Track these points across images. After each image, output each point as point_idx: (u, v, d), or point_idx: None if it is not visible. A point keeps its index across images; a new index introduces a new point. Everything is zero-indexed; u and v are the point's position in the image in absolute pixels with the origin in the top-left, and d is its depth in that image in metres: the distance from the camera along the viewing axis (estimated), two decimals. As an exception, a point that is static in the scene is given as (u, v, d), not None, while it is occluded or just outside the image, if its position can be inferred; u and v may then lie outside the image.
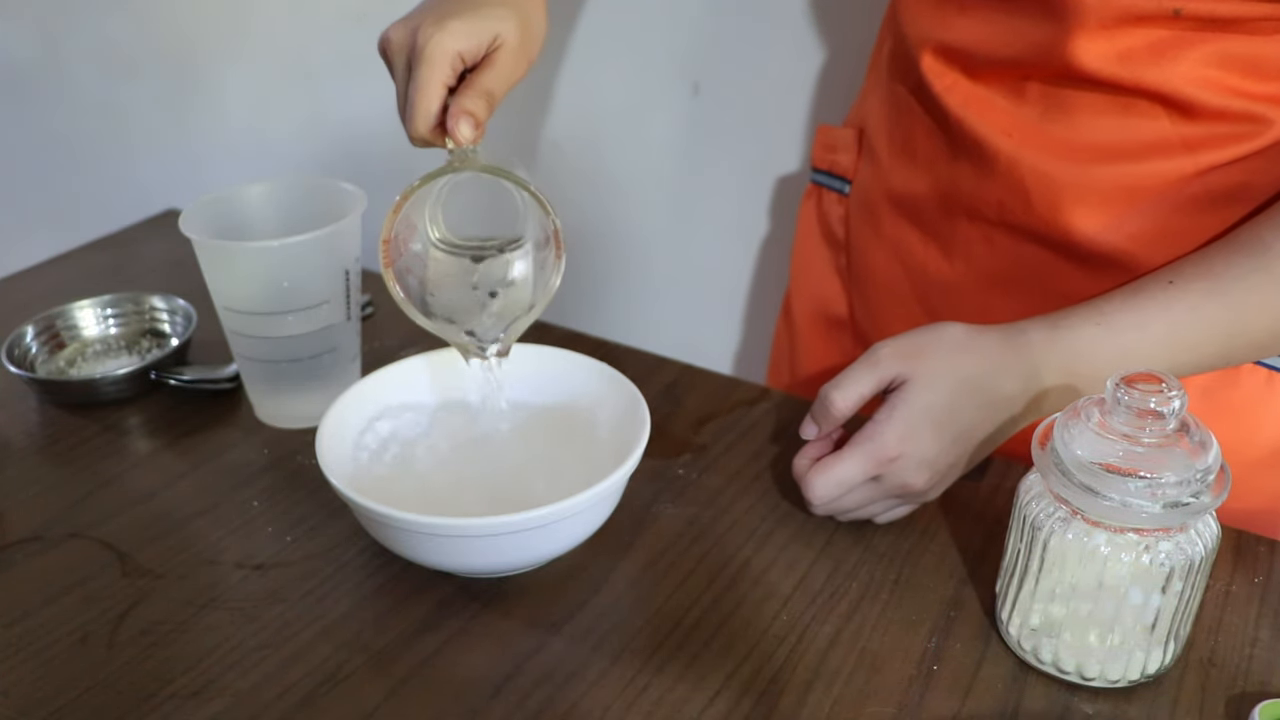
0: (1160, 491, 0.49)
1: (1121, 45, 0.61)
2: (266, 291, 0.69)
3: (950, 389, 0.59)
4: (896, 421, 0.59)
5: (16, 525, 0.66)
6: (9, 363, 0.77)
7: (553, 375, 0.69)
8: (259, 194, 0.75)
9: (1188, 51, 0.60)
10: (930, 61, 0.71)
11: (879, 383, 0.60)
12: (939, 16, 0.71)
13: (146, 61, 1.43)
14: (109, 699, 0.54)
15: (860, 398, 0.60)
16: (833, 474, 0.60)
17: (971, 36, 0.68)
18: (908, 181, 0.76)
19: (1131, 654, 0.53)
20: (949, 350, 0.60)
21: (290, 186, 0.76)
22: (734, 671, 0.56)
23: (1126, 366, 0.57)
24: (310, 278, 0.70)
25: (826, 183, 0.88)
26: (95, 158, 1.55)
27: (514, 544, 0.56)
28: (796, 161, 1.12)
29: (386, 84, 0.64)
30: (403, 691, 0.55)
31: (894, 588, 0.61)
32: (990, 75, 0.68)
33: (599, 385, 0.67)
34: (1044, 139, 0.66)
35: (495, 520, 0.54)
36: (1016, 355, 0.60)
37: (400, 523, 0.55)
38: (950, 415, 0.59)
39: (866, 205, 0.81)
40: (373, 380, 0.67)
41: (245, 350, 0.72)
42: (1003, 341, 0.60)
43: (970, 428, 0.59)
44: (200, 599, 0.60)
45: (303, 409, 0.74)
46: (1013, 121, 0.67)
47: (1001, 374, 0.59)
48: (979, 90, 0.69)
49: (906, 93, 0.75)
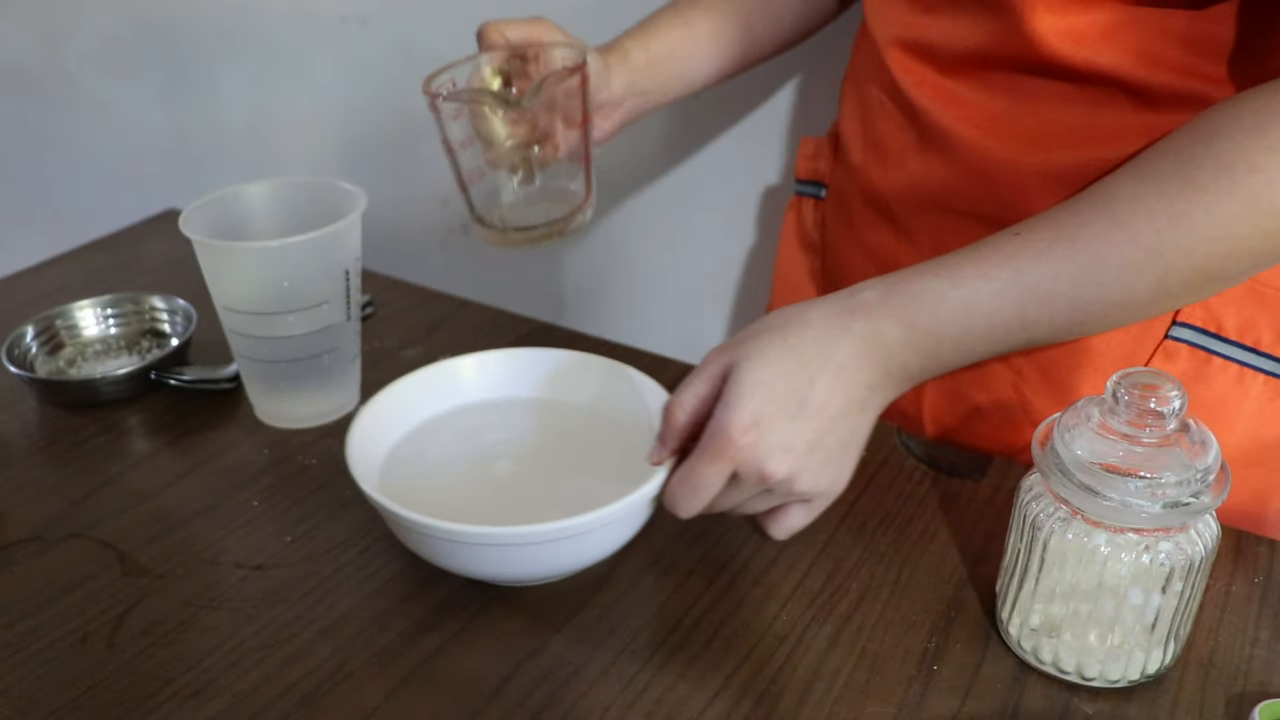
0: (1160, 491, 0.49)
1: (1073, 24, 0.61)
2: (266, 291, 0.69)
3: (781, 362, 0.55)
4: (731, 407, 0.54)
5: (16, 525, 0.66)
6: (9, 363, 0.77)
7: (585, 379, 0.69)
8: (259, 194, 0.75)
9: (1134, 29, 0.61)
10: (899, 58, 0.72)
11: (710, 380, 0.56)
12: (905, 15, 0.72)
13: (146, 61, 1.43)
14: (109, 699, 0.54)
15: (697, 399, 0.56)
16: (687, 480, 0.55)
17: (937, 32, 0.69)
18: (880, 178, 0.77)
19: (1131, 654, 0.53)
20: (775, 328, 0.56)
21: (290, 186, 0.76)
22: (734, 671, 0.56)
23: (972, 318, 0.56)
24: (310, 278, 0.70)
25: (809, 191, 0.89)
26: (95, 158, 1.55)
27: (546, 553, 0.56)
28: (780, 170, 1.13)
29: (386, 84, 0.64)
30: (403, 691, 0.55)
31: (894, 588, 0.61)
32: (958, 69, 0.69)
33: (628, 389, 0.66)
34: (1011, 129, 0.67)
35: (528, 529, 0.54)
36: (852, 316, 0.56)
37: (434, 530, 0.54)
38: (789, 389, 0.54)
39: (841, 207, 0.82)
40: (403, 384, 0.67)
41: (245, 350, 0.72)
42: (836, 306, 0.57)
43: (820, 401, 0.55)
44: (200, 599, 0.60)
45: (303, 409, 0.74)
46: (981, 113, 0.68)
47: (837, 337, 0.56)
48: (947, 84, 0.70)
49: (879, 92, 0.76)
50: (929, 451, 0.72)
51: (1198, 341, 0.67)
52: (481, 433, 0.68)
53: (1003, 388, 0.73)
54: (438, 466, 0.65)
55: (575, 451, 0.67)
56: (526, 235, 0.71)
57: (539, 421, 0.69)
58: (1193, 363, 0.67)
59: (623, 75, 0.77)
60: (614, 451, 0.65)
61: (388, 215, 1.23)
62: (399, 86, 1.27)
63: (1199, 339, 0.67)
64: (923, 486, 0.68)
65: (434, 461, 0.65)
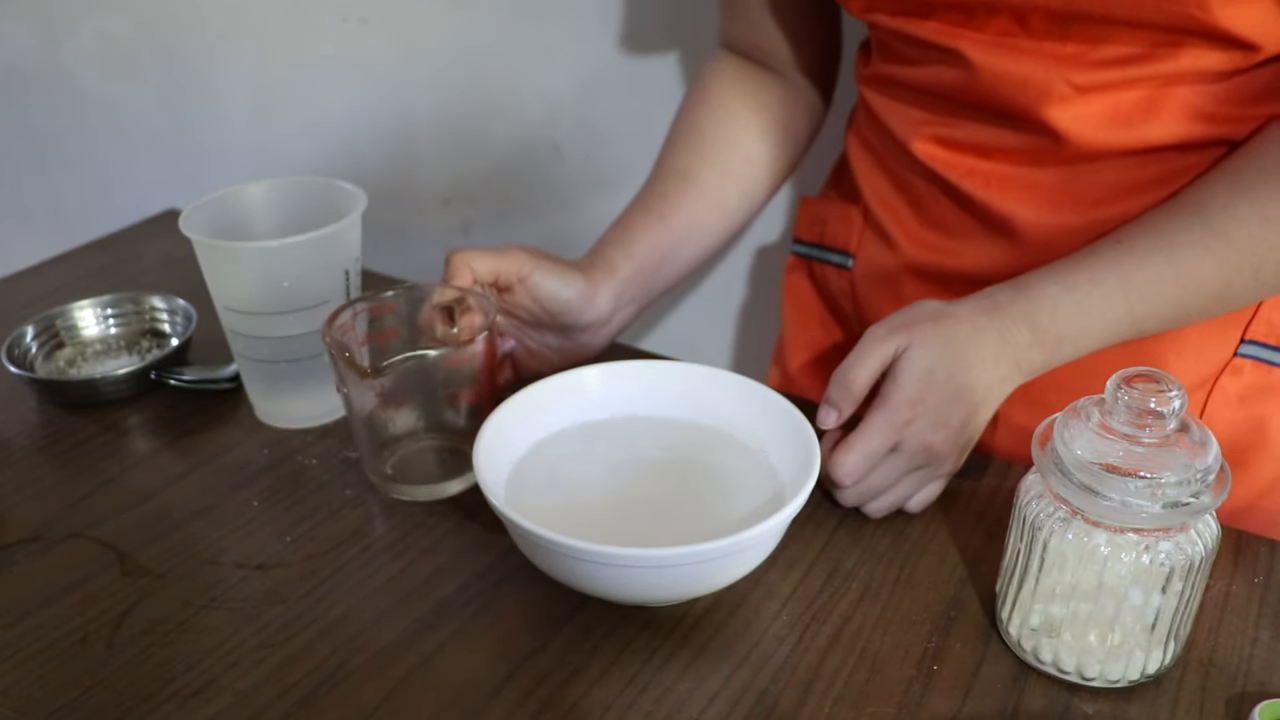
0: (1160, 491, 0.49)
1: (1104, 109, 0.66)
2: (267, 291, 0.69)
3: (942, 350, 0.61)
4: (903, 385, 0.61)
5: (16, 525, 0.66)
6: (9, 363, 0.77)
7: (712, 397, 0.67)
8: (259, 194, 0.75)
9: (1168, 105, 0.65)
10: (931, 150, 0.73)
11: (884, 358, 0.62)
12: (930, 116, 0.72)
13: (146, 61, 1.43)
14: (109, 699, 0.54)
15: (873, 373, 0.62)
16: (856, 448, 0.62)
17: (973, 134, 0.71)
18: (936, 256, 0.76)
19: (1131, 654, 0.53)
20: (934, 318, 0.62)
21: (290, 186, 0.76)
22: (734, 671, 0.56)
23: (1087, 318, 0.62)
24: (310, 278, 0.69)
25: (819, 255, 0.87)
26: (95, 158, 1.55)
27: (673, 576, 0.55)
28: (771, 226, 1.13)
29: (386, 84, 0.64)
30: (403, 691, 0.55)
31: (894, 588, 0.61)
32: (1002, 155, 0.70)
33: (763, 410, 0.65)
34: (1072, 199, 0.69)
35: (665, 553, 0.53)
36: (989, 316, 0.63)
37: (572, 551, 0.53)
38: (948, 374, 0.61)
39: (880, 280, 0.80)
40: (526, 395, 0.65)
41: (245, 350, 0.72)
42: (975, 306, 0.63)
43: (967, 385, 0.61)
44: (200, 599, 0.60)
45: (303, 409, 0.74)
46: (1038, 193, 0.70)
47: (980, 334, 0.62)
48: (997, 168, 0.71)
49: (918, 179, 0.75)
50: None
51: (1262, 356, 0.72)
52: (608, 449, 0.66)
53: None
54: (563, 483, 0.63)
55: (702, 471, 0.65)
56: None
57: (665, 439, 0.67)
58: (1256, 375, 0.72)
59: (610, 291, 0.74)
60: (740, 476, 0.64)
61: (388, 215, 1.23)
62: (399, 86, 1.28)
63: (1263, 353, 0.72)
64: (923, 486, 0.68)
65: (559, 478, 0.64)
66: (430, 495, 0.67)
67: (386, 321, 0.69)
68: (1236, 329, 0.71)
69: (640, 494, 0.63)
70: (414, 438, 0.69)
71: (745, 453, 0.65)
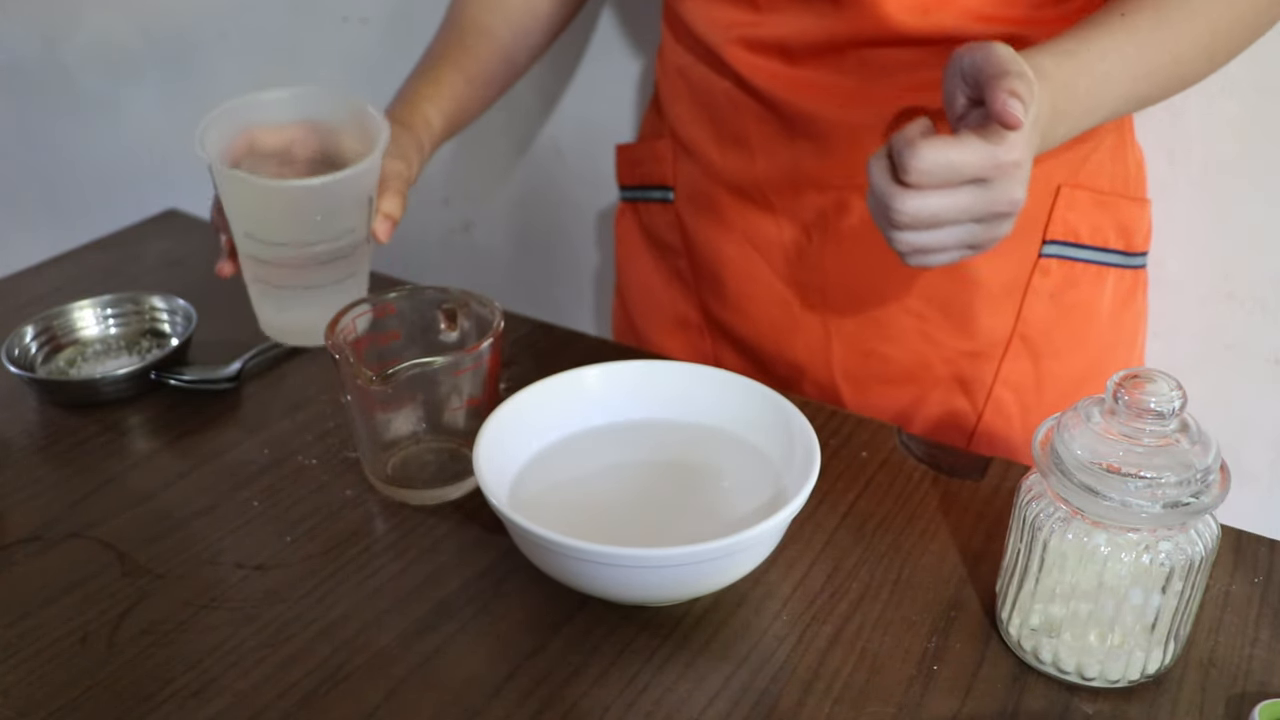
0: (1160, 491, 0.49)
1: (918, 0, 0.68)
2: (297, 224, 0.69)
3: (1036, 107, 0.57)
4: (1027, 128, 0.55)
5: (16, 525, 0.66)
6: (9, 363, 0.77)
7: (712, 397, 0.67)
8: (275, 104, 0.73)
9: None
10: (742, 56, 0.76)
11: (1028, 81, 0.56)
12: (738, 15, 0.75)
13: (146, 61, 1.43)
14: (109, 699, 0.54)
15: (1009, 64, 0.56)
16: (946, 151, 0.54)
17: (778, 28, 0.74)
18: (746, 170, 0.80)
19: (1131, 654, 0.53)
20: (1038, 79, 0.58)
21: (308, 98, 0.73)
22: (734, 671, 0.56)
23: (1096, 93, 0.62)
24: (342, 209, 0.69)
25: (642, 196, 0.91)
26: (95, 158, 1.55)
27: (680, 575, 0.55)
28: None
29: (386, 84, 0.64)
30: (403, 691, 0.55)
31: (894, 588, 0.61)
32: (807, 58, 0.74)
33: (762, 410, 0.65)
34: (868, 100, 0.72)
35: (670, 552, 0.53)
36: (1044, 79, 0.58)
37: (574, 551, 0.53)
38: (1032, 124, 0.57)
39: (701, 205, 0.85)
40: (526, 396, 0.65)
41: (260, 274, 0.71)
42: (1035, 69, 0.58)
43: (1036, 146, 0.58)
44: (200, 599, 0.60)
45: (309, 320, 0.72)
46: (838, 94, 0.73)
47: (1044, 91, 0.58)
48: (800, 73, 0.74)
49: (726, 89, 0.79)
50: (929, 451, 0.72)
51: (1064, 254, 0.78)
52: (608, 448, 0.66)
53: (908, 335, 0.79)
54: (563, 483, 0.64)
55: (700, 475, 0.65)
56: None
57: (664, 439, 0.67)
58: (1061, 271, 0.78)
59: (429, 150, 0.80)
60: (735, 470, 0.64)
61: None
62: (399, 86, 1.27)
63: (1065, 251, 0.78)
64: (923, 486, 0.68)
65: (559, 479, 0.64)
66: (430, 500, 0.67)
67: (388, 323, 0.69)
68: (1037, 232, 0.77)
69: (640, 494, 0.63)
70: (415, 440, 0.69)
71: (745, 453, 0.65)
